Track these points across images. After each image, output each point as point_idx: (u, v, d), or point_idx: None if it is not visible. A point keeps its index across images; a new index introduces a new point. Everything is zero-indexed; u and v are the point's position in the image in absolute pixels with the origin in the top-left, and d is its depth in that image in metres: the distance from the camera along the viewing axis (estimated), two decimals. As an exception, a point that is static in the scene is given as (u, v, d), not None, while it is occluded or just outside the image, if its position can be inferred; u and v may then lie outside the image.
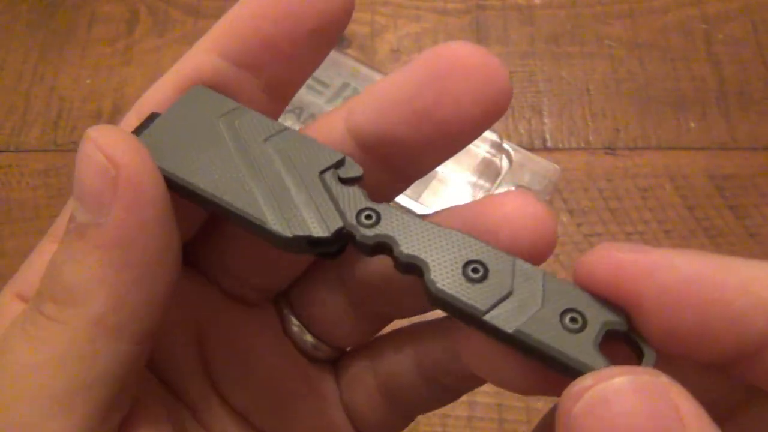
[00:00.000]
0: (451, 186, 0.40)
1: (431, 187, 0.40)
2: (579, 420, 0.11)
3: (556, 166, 0.40)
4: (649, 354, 0.13)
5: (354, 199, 0.15)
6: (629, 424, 0.11)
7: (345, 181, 0.15)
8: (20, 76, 0.45)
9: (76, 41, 0.46)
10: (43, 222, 0.39)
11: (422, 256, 0.14)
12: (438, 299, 0.14)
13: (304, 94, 0.42)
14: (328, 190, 0.15)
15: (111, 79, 0.44)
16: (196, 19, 0.47)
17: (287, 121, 0.42)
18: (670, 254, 0.13)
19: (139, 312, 0.13)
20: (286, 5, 0.15)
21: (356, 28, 0.46)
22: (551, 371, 0.13)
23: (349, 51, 0.45)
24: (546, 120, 0.42)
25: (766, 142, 0.41)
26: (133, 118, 0.16)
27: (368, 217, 0.14)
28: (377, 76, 0.42)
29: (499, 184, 0.39)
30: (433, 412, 0.33)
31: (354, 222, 0.14)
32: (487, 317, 0.13)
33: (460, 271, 0.14)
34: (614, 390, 0.11)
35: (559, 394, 0.12)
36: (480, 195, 0.39)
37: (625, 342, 0.13)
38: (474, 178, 0.40)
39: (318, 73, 0.43)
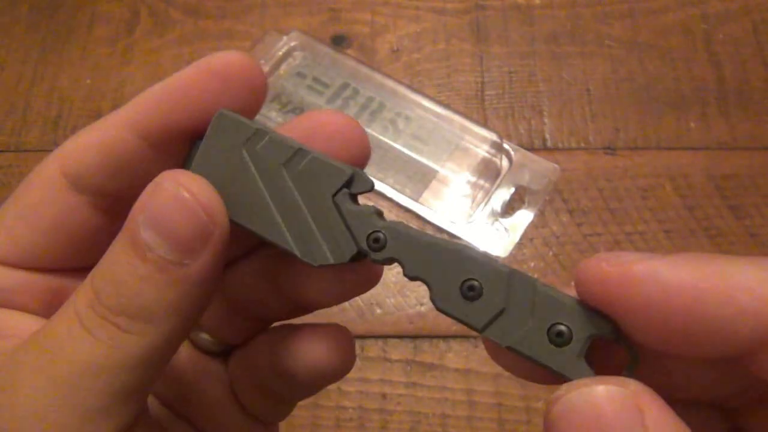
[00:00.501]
0: (451, 186, 0.40)
1: (431, 187, 0.40)
2: (554, 423, 0.13)
3: (556, 165, 0.40)
4: (633, 360, 0.14)
5: (365, 221, 0.16)
6: (596, 428, 0.12)
7: (355, 197, 0.17)
8: (20, 76, 0.45)
9: (76, 41, 0.46)
10: (43, 222, 0.39)
11: (424, 277, 0.16)
12: (443, 312, 0.16)
13: (304, 95, 0.42)
14: (341, 214, 0.17)
15: (111, 79, 0.44)
16: (196, 19, 0.47)
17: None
18: (655, 265, 0.13)
19: (189, 331, 0.16)
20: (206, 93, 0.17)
21: (356, 28, 0.46)
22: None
23: (349, 51, 0.45)
24: (546, 120, 0.42)
25: (766, 142, 0.41)
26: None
27: (376, 240, 0.16)
28: (377, 76, 0.42)
29: (499, 184, 0.39)
30: (432, 412, 0.34)
31: (365, 246, 0.16)
32: (484, 333, 0.15)
33: (458, 291, 0.15)
34: (584, 399, 0.13)
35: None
36: (480, 195, 0.39)
37: (617, 344, 0.15)
38: (474, 178, 0.40)
39: (318, 73, 0.43)
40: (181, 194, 0.15)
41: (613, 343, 0.15)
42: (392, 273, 0.37)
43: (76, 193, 0.17)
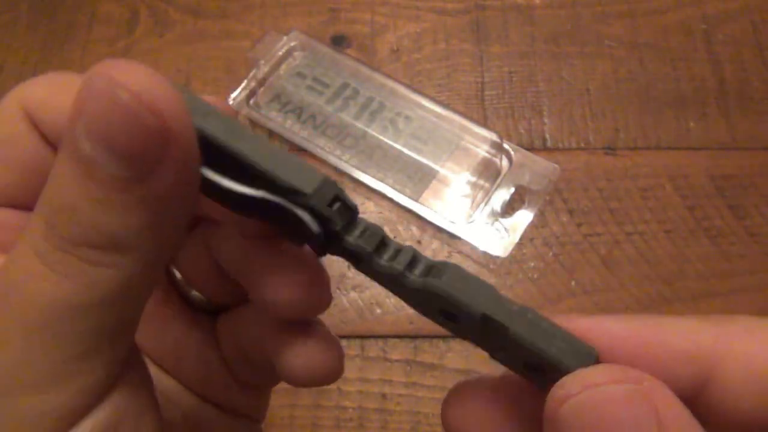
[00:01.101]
0: (451, 186, 0.40)
1: (432, 187, 0.40)
2: (563, 423, 0.12)
3: (556, 165, 0.39)
4: None
5: (370, 233, 0.16)
6: (610, 429, 0.12)
7: (333, 206, 0.16)
8: (20, 76, 0.45)
9: (76, 41, 0.46)
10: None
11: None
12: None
13: (304, 95, 0.42)
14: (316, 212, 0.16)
15: (111, 79, 0.44)
16: (196, 19, 0.47)
17: (288, 121, 0.42)
18: (603, 321, 0.14)
19: (168, 256, 0.15)
20: None
21: (356, 28, 0.46)
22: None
23: (349, 51, 0.45)
24: (546, 120, 0.42)
25: (766, 142, 0.41)
26: None
27: (394, 255, 0.16)
28: (377, 76, 0.42)
29: (499, 184, 0.39)
30: (432, 412, 0.34)
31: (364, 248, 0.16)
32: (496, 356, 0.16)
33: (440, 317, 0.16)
34: (597, 398, 0.12)
35: None
36: (480, 195, 0.39)
37: None
38: (474, 178, 0.40)
39: (318, 73, 0.43)
40: (118, 96, 0.12)
41: None
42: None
43: (41, 137, 0.16)
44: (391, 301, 0.37)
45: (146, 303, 0.15)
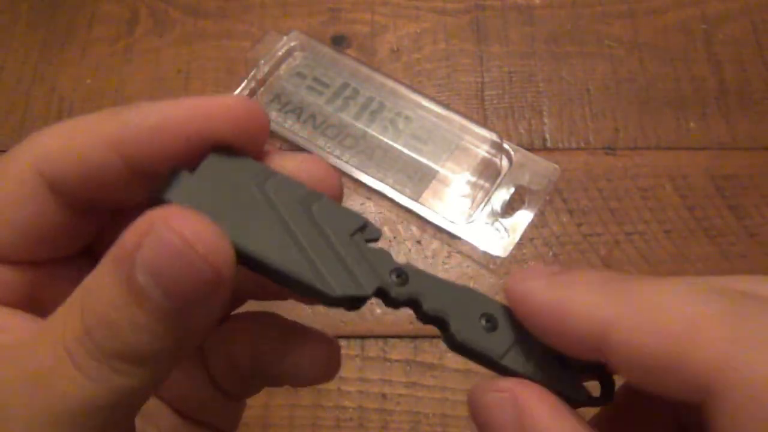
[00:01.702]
0: (451, 186, 0.40)
1: (431, 187, 0.40)
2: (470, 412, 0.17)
3: (556, 165, 0.39)
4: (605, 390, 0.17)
5: (384, 259, 0.17)
6: (481, 418, 0.16)
7: (370, 239, 0.17)
8: (20, 76, 0.45)
9: (76, 41, 0.46)
10: (43, 222, 0.39)
11: (445, 311, 0.17)
12: (460, 345, 0.17)
13: (304, 95, 0.42)
14: (361, 250, 0.17)
15: (111, 79, 0.44)
16: (196, 19, 0.47)
17: (288, 121, 0.42)
18: (534, 286, 0.16)
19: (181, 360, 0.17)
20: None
21: (356, 28, 0.46)
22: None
23: (349, 51, 0.45)
24: (546, 120, 0.42)
25: (766, 142, 0.41)
26: None
27: (399, 276, 0.17)
28: (377, 76, 0.42)
29: (499, 184, 0.39)
30: (432, 412, 0.34)
31: (389, 281, 0.17)
32: (502, 361, 0.17)
33: (479, 323, 0.17)
34: (476, 396, 0.17)
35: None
36: (480, 195, 0.39)
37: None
38: (474, 178, 0.40)
39: (318, 73, 0.43)
40: (183, 248, 0.14)
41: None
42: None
43: (50, 193, 0.17)
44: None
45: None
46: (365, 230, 0.17)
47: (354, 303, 0.17)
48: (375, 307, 0.36)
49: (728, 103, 0.42)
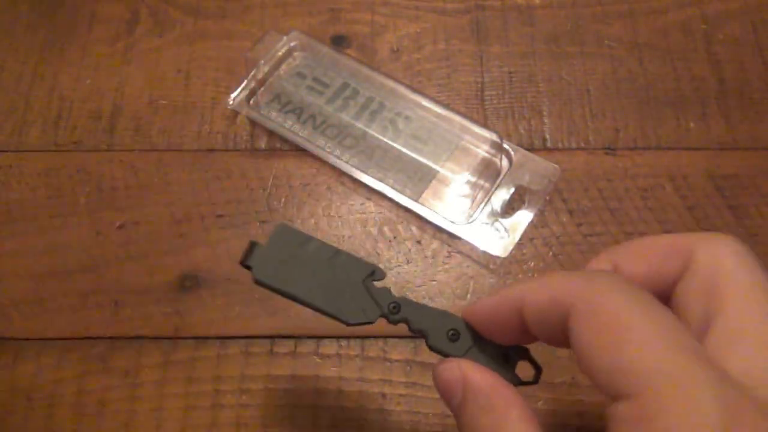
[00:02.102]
0: (451, 186, 0.40)
1: (431, 187, 0.40)
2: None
3: (556, 165, 0.40)
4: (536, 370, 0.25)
5: (385, 294, 0.26)
6: (439, 386, 0.24)
7: (376, 279, 0.26)
8: (20, 76, 0.45)
9: (76, 41, 0.46)
10: (43, 222, 0.39)
11: (425, 328, 0.26)
12: (435, 350, 0.26)
13: (304, 95, 0.42)
14: (369, 291, 0.26)
15: (111, 79, 0.44)
16: (196, 19, 0.47)
17: (288, 121, 0.42)
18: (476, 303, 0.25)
19: None
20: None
21: (356, 28, 0.46)
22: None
23: (349, 51, 0.45)
24: (546, 120, 0.42)
25: (766, 142, 0.41)
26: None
27: (394, 307, 0.26)
28: (377, 76, 0.42)
29: (499, 184, 0.39)
30: (432, 412, 0.34)
31: (386, 311, 0.26)
32: (464, 356, 0.25)
33: (446, 336, 0.25)
34: (437, 371, 0.25)
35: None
36: (480, 195, 0.39)
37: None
38: (474, 178, 0.40)
39: (318, 73, 0.43)
40: None
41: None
42: (392, 273, 0.37)
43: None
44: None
45: None
46: (374, 274, 0.26)
47: (365, 324, 0.26)
48: (375, 307, 0.36)
49: (728, 103, 0.42)
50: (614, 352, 0.19)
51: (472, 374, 0.23)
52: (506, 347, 0.25)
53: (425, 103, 0.41)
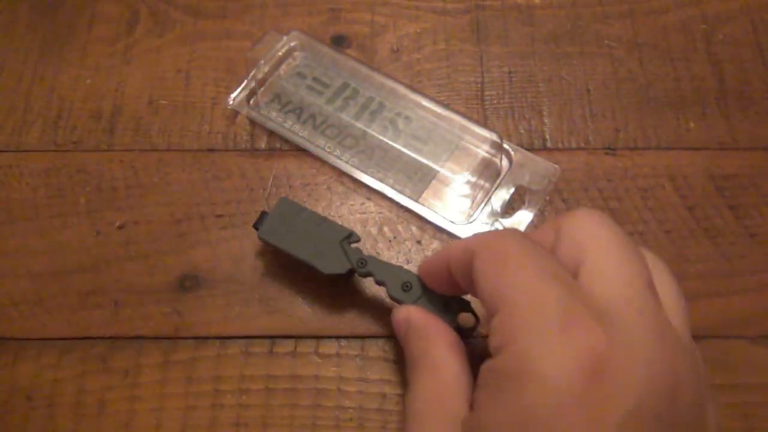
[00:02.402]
0: (451, 186, 0.40)
1: (431, 186, 0.40)
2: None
3: (557, 166, 0.40)
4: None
5: (355, 254, 0.34)
6: (393, 326, 0.32)
7: (352, 242, 0.34)
8: (20, 76, 0.45)
9: (76, 41, 0.46)
10: (43, 222, 0.39)
11: (385, 281, 0.33)
12: (393, 299, 0.33)
13: (304, 95, 0.42)
14: (344, 250, 0.34)
15: (111, 79, 0.44)
16: (196, 19, 0.47)
17: (288, 121, 0.42)
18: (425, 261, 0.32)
19: None
20: None
21: (356, 28, 0.46)
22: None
23: (349, 51, 0.45)
24: (546, 120, 0.42)
25: (766, 142, 0.41)
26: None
27: (361, 262, 0.34)
28: (377, 76, 0.42)
29: (499, 184, 0.39)
30: (433, 412, 0.34)
31: (356, 265, 0.34)
32: (416, 304, 0.32)
33: (400, 287, 0.32)
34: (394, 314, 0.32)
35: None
36: (480, 195, 0.39)
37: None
38: (474, 178, 0.40)
39: (318, 73, 0.43)
40: None
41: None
42: (392, 273, 0.37)
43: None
44: (391, 301, 0.37)
45: None
46: (350, 236, 0.34)
47: (338, 276, 0.34)
48: (376, 308, 0.36)
49: (728, 103, 0.42)
50: (496, 277, 0.24)
51: (414, 313, 0.31)
52: (449, 298, 0.32)
53: (425, 103, 0.41)
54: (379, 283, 0.33)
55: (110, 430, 0.34)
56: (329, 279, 0.34)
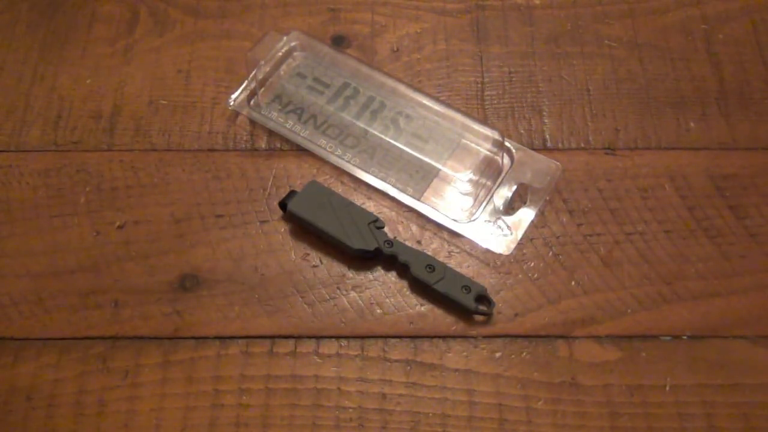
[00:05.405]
0: (452, 184, 0.40)
1: (433, 185, 0.40)
2: None
3: (558, 163, 0.40)
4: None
5: (382, 235, 0.37)
6: None
7: (378, 227, 0.37)
8: (20, 76, 0.45)
9: (76, 41, 0.46)
10: (43, 222, 0.39)
11: (409, 261, 0.36)
12: (416, 279, 0.36)
13: (305, 95, 0.42)
14: (372, 231, 0.37)
15: (111, 79, 0.44)
16: (196, 19, 0.47)
17: (289, 121, 0.42)
18: None
19: None
20: None
21: (356, 28, 0.46)
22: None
23: (349, 51, 0.45)
24: (546, 120, 0.42)
25: (766, 142, 0.41)
26: None
27: (388, 242, 0.36)
28: (378, 75, 0.42)
29: (501, 182, 0.39)
30: (432, 412, 0.34)
31: (382, 245, 0.36)
32: (435, 286, 0.36)
33: (424, 268, 0.36)
34: None
35: None
36: (482, 193, 0.39)
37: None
38: (475, 177, 0.40)
39: (318, 73, 0.43)
40: None
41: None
42: (393, 274, 0.37)
43: None
44: (391, 301, 0.37)
45: None
46: (377, 222, 0.37)
47: (365, 254, 0.37)
48: (375, 307, 0.36)
49: (728, 103, 0.42)
50: None
51: None
52: (468, 281, 0.35)
53: (426, 101, 0.41)
54: (403, 264, 0.36)
55: (110, 431, 0.34)
56: (355, 257, 0.37)
